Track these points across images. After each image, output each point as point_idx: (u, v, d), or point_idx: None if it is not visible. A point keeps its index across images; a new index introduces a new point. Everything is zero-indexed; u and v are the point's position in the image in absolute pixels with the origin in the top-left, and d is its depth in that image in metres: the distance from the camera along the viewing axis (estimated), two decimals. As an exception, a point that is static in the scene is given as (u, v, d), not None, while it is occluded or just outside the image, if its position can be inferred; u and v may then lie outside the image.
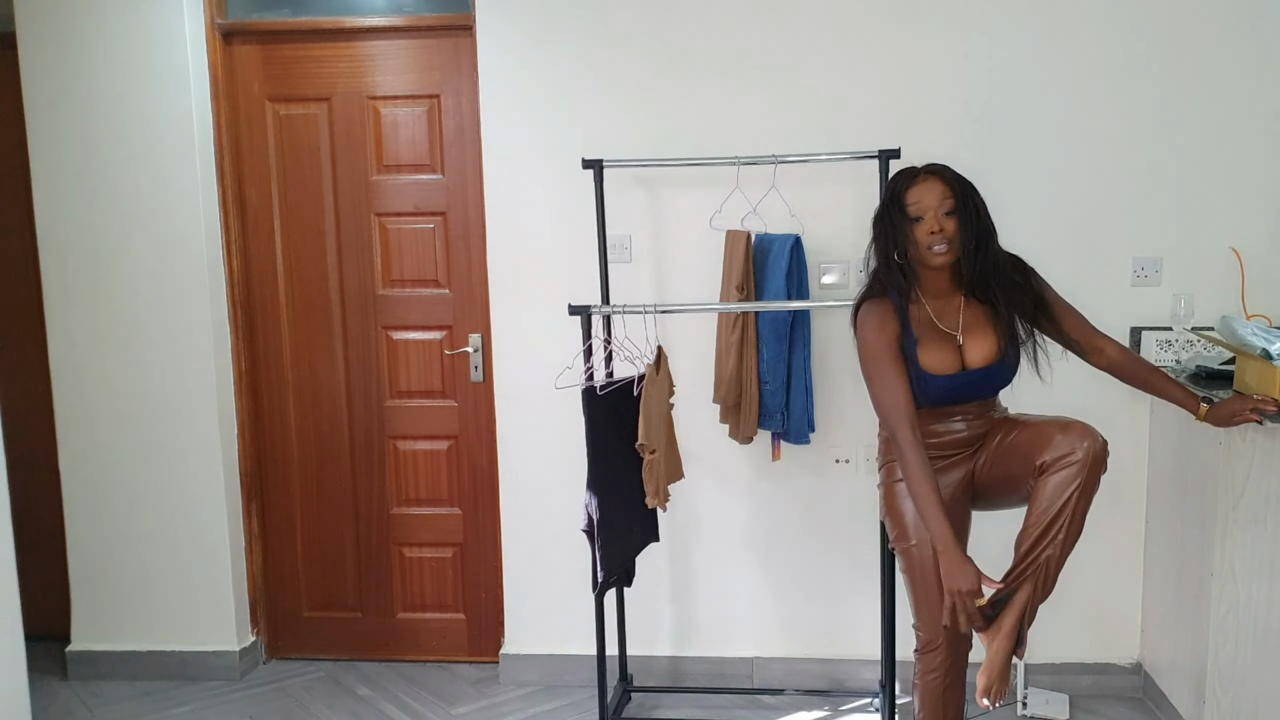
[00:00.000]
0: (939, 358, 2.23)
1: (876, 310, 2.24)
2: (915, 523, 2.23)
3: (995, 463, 2.26)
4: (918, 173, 2.22)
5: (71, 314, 3.20)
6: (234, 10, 3.22)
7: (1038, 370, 2.29)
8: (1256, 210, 2.90)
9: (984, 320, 2.25)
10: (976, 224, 2.19)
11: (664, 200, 3.04)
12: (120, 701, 3.20)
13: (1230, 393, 2.49)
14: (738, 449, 3.02)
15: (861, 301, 2.29)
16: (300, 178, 3.26)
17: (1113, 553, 3.04)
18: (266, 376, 3.36)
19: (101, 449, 3.25)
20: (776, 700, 3.11)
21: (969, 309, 2.26)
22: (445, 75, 3.17)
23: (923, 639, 2.32)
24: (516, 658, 3.26)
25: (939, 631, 2.24)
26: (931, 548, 2.16)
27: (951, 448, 2.31)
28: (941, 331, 2.24)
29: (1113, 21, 2.87)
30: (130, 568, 3.29)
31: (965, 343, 2.24)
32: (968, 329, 2.24)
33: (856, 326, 2.28)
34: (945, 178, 2.19)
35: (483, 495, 3.33)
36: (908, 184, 2.20)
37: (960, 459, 2.32)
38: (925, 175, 2.21)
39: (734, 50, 2.96)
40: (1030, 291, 2.28)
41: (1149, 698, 3.02)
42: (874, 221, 2.27)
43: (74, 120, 3.12)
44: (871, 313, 2.24)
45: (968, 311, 2.26)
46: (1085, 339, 2.33)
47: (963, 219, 2.18)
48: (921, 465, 2.14)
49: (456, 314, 3.28)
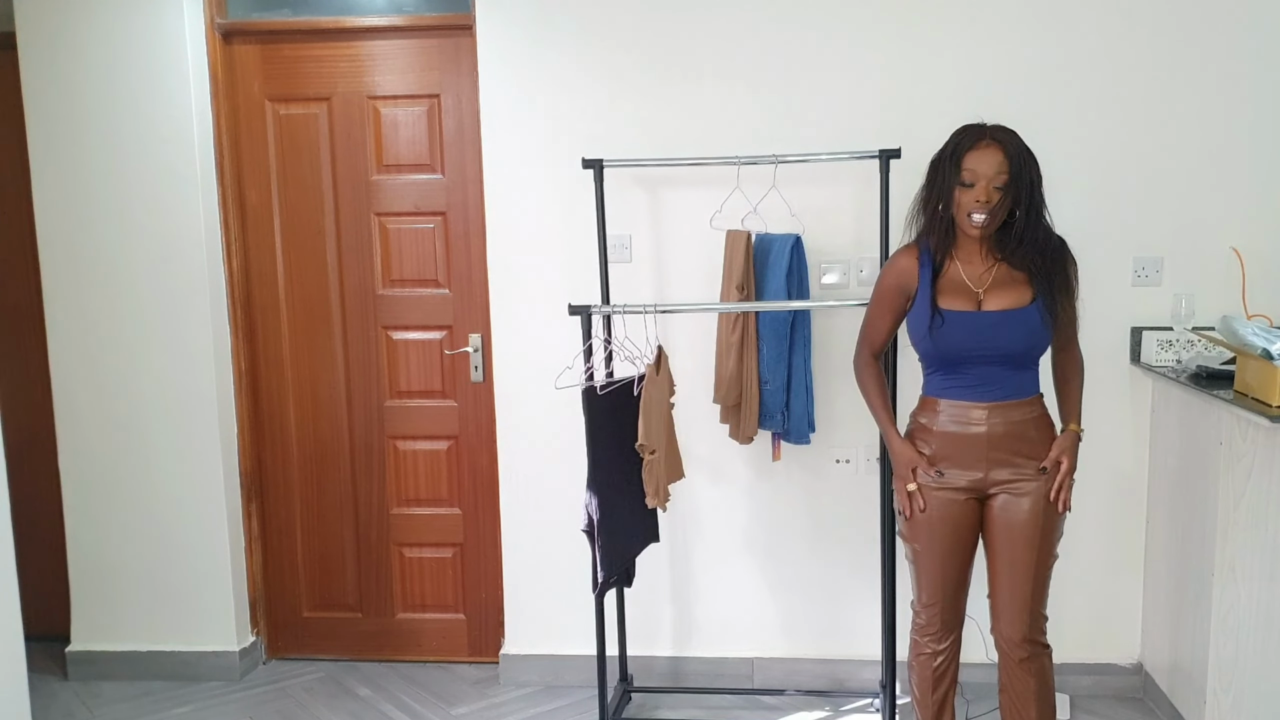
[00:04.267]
0: (956, 301, 2.26)
1: (900, 256, 2.35)
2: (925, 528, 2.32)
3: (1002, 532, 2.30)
4: (982, 135, 2.20)
5: (71, 314, 3.20)
6: (234, 10, 3.22)
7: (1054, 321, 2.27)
8: (1257, 210, 2.90)
9: (1012, 284, 2.25)
10: (1028, 198, 2.20)
11: (664, 200, 3.04)
12: (120, 701, 3.20)
13: (1231, 394, 2.49)
14: (738, 449, 3.02)
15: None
16: (300, 178, 3.26)
17: (1113, 553, 3.04)
18: (266, 376, 3.36)
19: (101, 449, 3.25)
20: (777, 700, 3.11)
21: (1000, 272, 2.26)
22: (445, 75, 3.17)
23: (921, 619, 2.42)
24: (516, 658, 3.26)
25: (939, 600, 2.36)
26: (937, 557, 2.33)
27: (965, 450, 2.28)
28: (967, 287, 2.27)
29: (1113, 21, 2.87)
30: (130, 568, 3.29)
31: (985, 297, 2.25)
32: (992, 288, 2.26)
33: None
34: (1007, 149, 2.18)
35: (483, 495, 3.33)
36: (970, 146, 2.19)
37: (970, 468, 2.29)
38: (989, 141, 2.19)
39: (734, 50, 2.96)
40: (1061, 276, 2.27)
41: (1149, 698, 3.02)
42: (929, 166, 2.28)
43: (74, 120, 3.12)
44: (896, 258, 2.36)
45: (999, 274, 2.26)
46: (1068, 336, 2.35)
47: (1013, 194, 2.18)
48: (872, 375, 2.44)
49: (456, 314, 3.28)
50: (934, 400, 2.33)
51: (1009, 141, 2.19)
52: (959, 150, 2.20)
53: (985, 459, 2.27)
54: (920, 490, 2.32)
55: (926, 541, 2.34)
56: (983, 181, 2.17)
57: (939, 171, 2.24)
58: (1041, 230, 2.24)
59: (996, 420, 2.26)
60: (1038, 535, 2.26)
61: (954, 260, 2.29)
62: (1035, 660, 2.33)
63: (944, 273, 2.28)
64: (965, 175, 2.18)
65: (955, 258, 2.29)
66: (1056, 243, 2.28)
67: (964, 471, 2.29)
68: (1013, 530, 2.27)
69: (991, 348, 2.24)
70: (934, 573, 2.35)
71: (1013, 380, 2.27)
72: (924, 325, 2.28)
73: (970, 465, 2.28)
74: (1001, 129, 2.21)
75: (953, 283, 2.28)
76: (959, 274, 2.28)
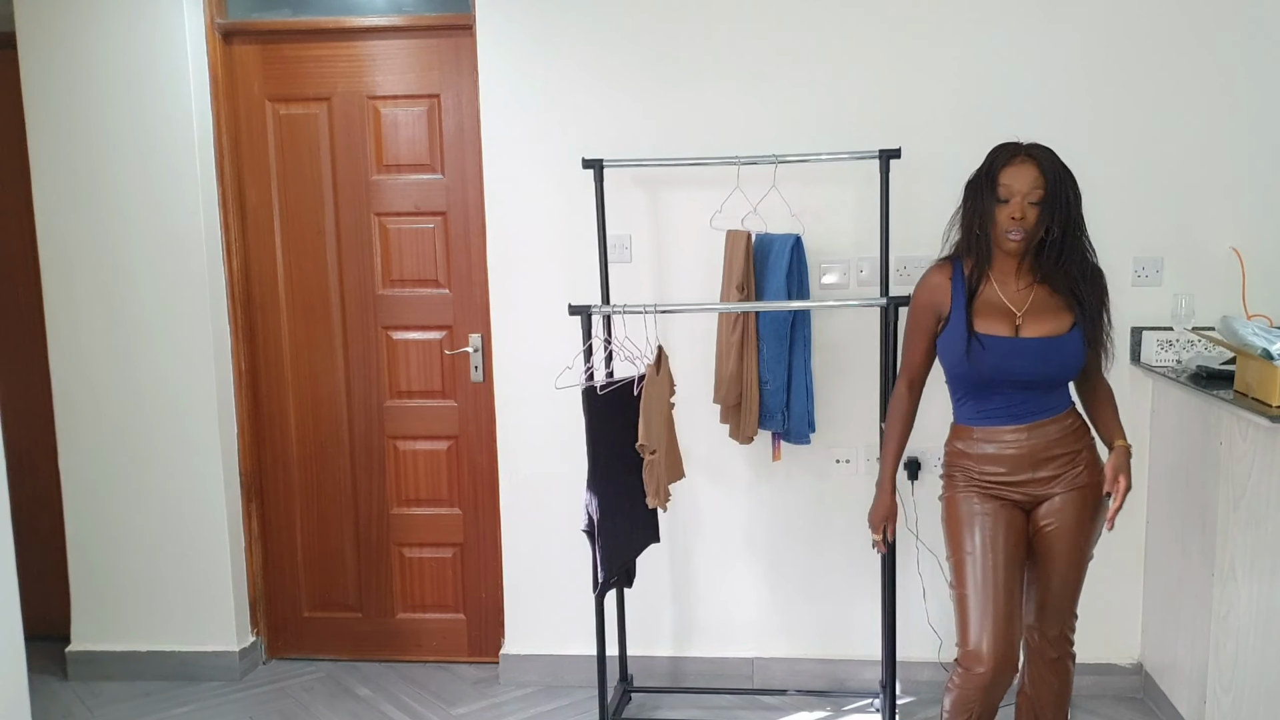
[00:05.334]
0: (994, 325, 2.22)
1: (933, 274, 2.31)
2: (972, 531, 2.25)
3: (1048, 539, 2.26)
4: (1018, 152, 2.19)
5: (71, 314, 3.20)
6: (234, 10, 3.22)
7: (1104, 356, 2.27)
8: (1257, 210, 2.90)
9: (1052, 308, 2.22)
10: (1066, 215, 2.17)
11: (664, 200, 3.03)
12: (120, 701, 3.20)
13: (1231, 394, 2.49)
14: (738, 449, 3.02)
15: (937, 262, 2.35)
16: (300, 177, 3.26)
17: (1113, 553, 3.03)
18: (266, 376, 3.36)
19: (101, 449, 3.25)
20: (777, 700, 3.11)
21: (1039, 295, 2.23)
22: (445, 75, 3.17)
23: (967, 656, 2.19)
24: (516, 658, 3.26)
25: (986, 648, 2.15)
26: (989, 556, 2.21)
27: (999, 469, 2.25)
28: (1004, 308, 2.23)
29: (1113, 21, 2.87)
30: (130, 568, 3.29)
31: (1024, 322, 2.21)
32: (1031, 312, 2.22)
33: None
34: (1042, 165, 2.16)
35: (483, 495, 3.33)
36: (1005, 162, 2.19)
37: (1008, 491, 2.26)
38: (1024, 158, 2.18)
39: (734, 50, 2.96)
40: (1098, 303, 2.24)
41: (1149, 698, 3.02)
42: (965, 186, 2.27)
43: (74, 120, 3.12)
44: (928, 275, 2.32)
45: (1037, 296, 2.23)
46: (1096, 368, 2.30)
47: (1049, 210, 2.15)
48: (898, 412, 2.38)
49: (456, 314, 3.28)
50: (968, 429, 2.30)
51: (1045, 158, 2.18)
52: (994, 167, 2.20)
53: (1030, 464, 2.24)
54: (883, 540, 2.41)
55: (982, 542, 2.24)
56: (1018, 197, 2.15)
57: (975, 189, 2.23)
58: (1080, 251, 2.21)
59: (1034, 438, 2.24)
60: (1082, 537, 2.25)
61: (990, 281, 2.25)
62: (1063, 662, 2.34)
63: (980, 294, 2.24)
64: (1000, 191, 2.17)
65: (991, 279, 2.25)
66: (1093, 270, 2.25)
67: (1009, 476, 2.25)
68: (1062, 531, 2.24)
69: (1029, 373, 2.21)
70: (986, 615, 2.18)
71: (1044, 401, 2.24)
72: (960, 349, 2.23)
73: (1016, 471, 2.25)
74: (1038, 146, 2.20)
75: (989, 304, 2.24)
76: (996, 295, 2.24)
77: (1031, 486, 2.25)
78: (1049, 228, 2.16)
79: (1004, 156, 2.20)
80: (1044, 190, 2.15)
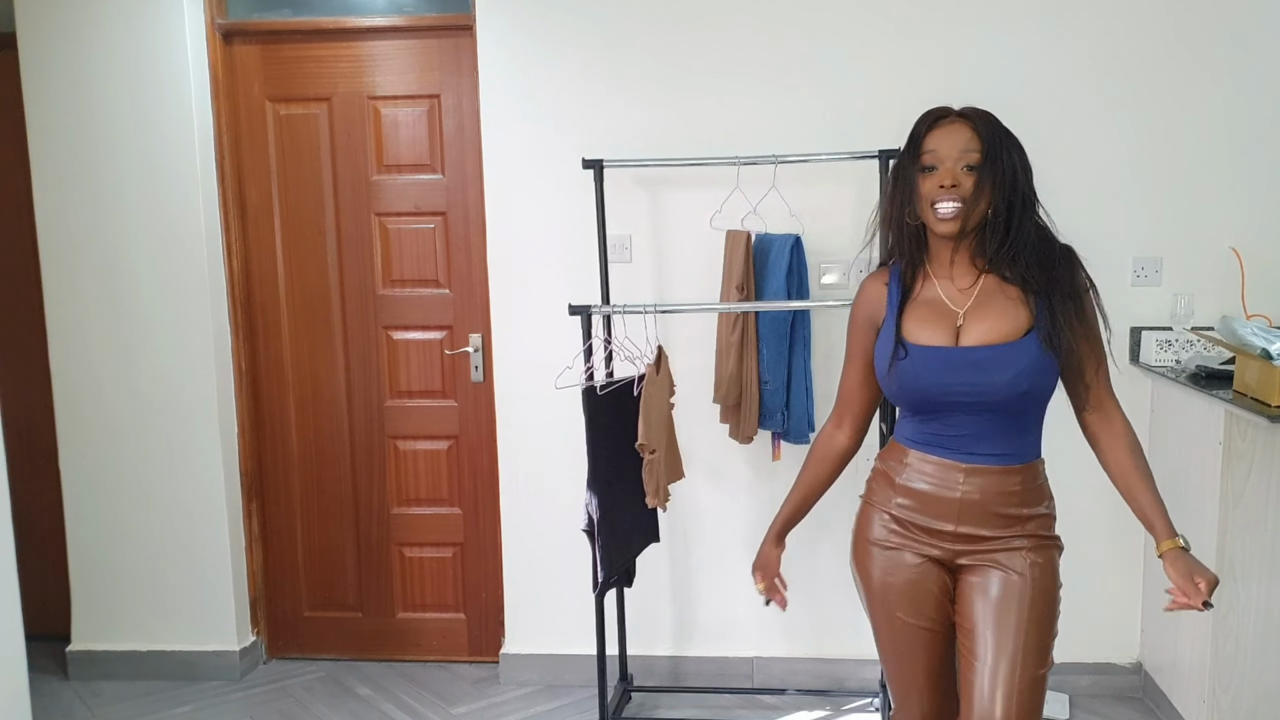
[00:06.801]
0: (927, 331, 1.77)
1: (867, 284, 1.89)
2: (875, 585, 1.91)
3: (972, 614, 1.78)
4: (946, 114, 1.78)
5: (72, 314, 3.20)
6: (234, 10, 3.22)
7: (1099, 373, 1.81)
8: (1256, 210, 2.90)
9: (1003, 306, 1.75)
10: (1010, 186, 1.72)
11: (664, 200, 3.04)
12: (120, 701, 3.20)
13: (1231, 394, 2.49)
14: (738, 449, 3.02)
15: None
16: (300, 178, 3.26)
17: (1113, 553, 3.03)
18: (267, 376, 3.36)
19: (101, 449, 3.25)
20: (777, 700, 3.11)
21: (987, 287, 1.77)
22: (445, 75, 3.17)
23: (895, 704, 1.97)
24: (516, 658, 3.26)
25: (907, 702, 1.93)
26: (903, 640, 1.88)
27: (919, 511, 1.80)
28: (944, 308, 1.78)
29: (1113, 21, 2.87)
30: (130, 568, 3.29)
31: (965, 323, 1.75)
32: (976, 311, 1.76)
33: None
34: (976, 125, 1.74)
35: (483, 495, 3.33)
36: (928, 127, 1.77)
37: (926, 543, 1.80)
38: (953, 119, 1.76)
39: (734, 50, 2.96)
40: (1067, 289, 1.74)
41: (1149, 698, 3.02)
42: (890, 173, 1.91)
43: (74, 120, 3.12)
44: (862, 286, 1.90)
45: (985, 290, 1.77)
46: (1097, 391, 1.81)
47: (988, 174, 1.71)
48: (816, 453, 2.00)
49: (456, 314, 3.28)
50: (902, 449, 1.85)
51: (979, 118, 1.75)
52: (916, 135, 1.78)
53: (957, 516, 1.78)
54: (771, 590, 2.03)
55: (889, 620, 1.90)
56: (946, 163, 1.72)
57: (899, 170, 1.80)
58: (1033, 230, 1.76)
59: (972, 488, 1.75)
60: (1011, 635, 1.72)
61: (929, 277, 1.81)
62: None
63: (916, 294, 1.81)
64: (926, 158, 1.74)
65: (931, 274, 1.81)
66: (1060, 251, 1.77)
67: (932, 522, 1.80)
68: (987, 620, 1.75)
69: (971, 393, 1.72)
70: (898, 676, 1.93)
71: (1003, 435, 1.75)
72: (885, 363, 1.79)
73: (940, 518, 1.79)
74: (971, 108, 1.79)
75: (927, 304, 1.79)
76: (934, 292, 1.79)
77: (955, 543, 1.78)
78: (993, 202, 1.72)
79: (925, 122, 1.78)
80: (980, 154, 1.71)
